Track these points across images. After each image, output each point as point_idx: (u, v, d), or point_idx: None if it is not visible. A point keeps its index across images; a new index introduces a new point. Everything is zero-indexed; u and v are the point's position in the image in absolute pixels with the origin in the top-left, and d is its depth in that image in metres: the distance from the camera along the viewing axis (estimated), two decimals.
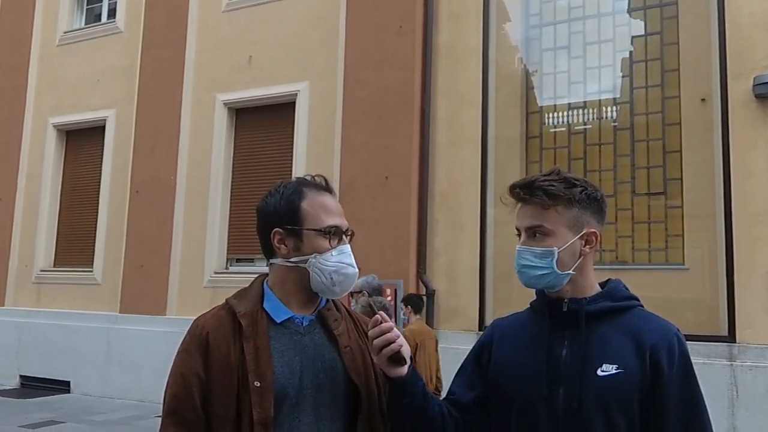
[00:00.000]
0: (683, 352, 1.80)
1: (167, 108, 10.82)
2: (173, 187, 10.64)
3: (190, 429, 1.80)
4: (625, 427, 1.75)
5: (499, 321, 2.10)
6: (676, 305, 7.41)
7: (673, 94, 7.88)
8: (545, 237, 1.86)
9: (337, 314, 2.00)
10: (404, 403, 1.87)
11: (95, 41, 11.95)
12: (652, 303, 6.58)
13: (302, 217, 1.92)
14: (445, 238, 8.75)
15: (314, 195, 1.95)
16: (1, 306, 12.05)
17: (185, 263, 10.41)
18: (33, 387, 11.14)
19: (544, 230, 1.85)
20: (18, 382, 11.45)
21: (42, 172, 12.13)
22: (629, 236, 7.94)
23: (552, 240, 1.85)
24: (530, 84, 8.78)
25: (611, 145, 8.16)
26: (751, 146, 7.36)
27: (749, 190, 7.32)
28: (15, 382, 11.46)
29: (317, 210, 1.92)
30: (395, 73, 9.05)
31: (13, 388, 11.28)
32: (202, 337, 1.86)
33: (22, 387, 11.33)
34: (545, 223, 1.85)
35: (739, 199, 7.32)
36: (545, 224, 1.85)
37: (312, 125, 9.77)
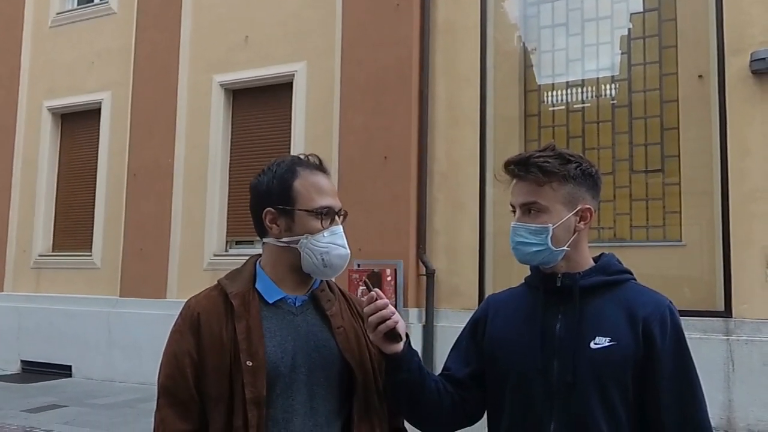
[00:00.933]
0: (675, 324, 1.88)
1: (163, 90, 10.84)
2: (171, 170, 10.70)
3: (185, 408, 1.87)
4: (619, 399, 1.82)
5: (494, 296, 2.18)
6: (674, 281, 7.60)
7: (670, 70, 8.02)
8: (540, 213, 1.90)
9: (330, 295, 2.04)
10: (401, 379, 1.93)
11: (88, 22, 11.94)
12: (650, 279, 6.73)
13: (294, 196, 1.95)
14: (444, 218, 8.90)
15: (307, 174, 1.98)
16: (0, 291, 12.17)
17: (185, 246, 10.53)
18: (35, 372, 11.23)
19: (539, 207, 1.90)
20: (19, 367, 11.57)
21: (38, 156, 12.16)
22: (627, 213, 8.12)
23: (547, 216, 1.90)
24: (529, 62, 8.92)
25: (609, 123, 8.33)
26: (748, 123, 7.51)
27: (746, 167, 7.47)
28: (16, 367, 11.59)
29: (310, 190, 1.96)
30: (393, 52, 9.11)
31: (15, 373, 11.39)
32: (193, 317, 1.92)
33: (23, 372, 11.43)
34: (540, 199, 1.90)
35: (736, 175, 7.48)
36: (540, 201, 1.90)
37: (310, 106, 9.82)
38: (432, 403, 1.98)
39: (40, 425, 7.80)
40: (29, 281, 12.05)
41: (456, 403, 2.01)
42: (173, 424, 1.86)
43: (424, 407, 1.98)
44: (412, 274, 8.85)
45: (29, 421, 7.96)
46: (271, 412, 1.85)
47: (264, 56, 10.26)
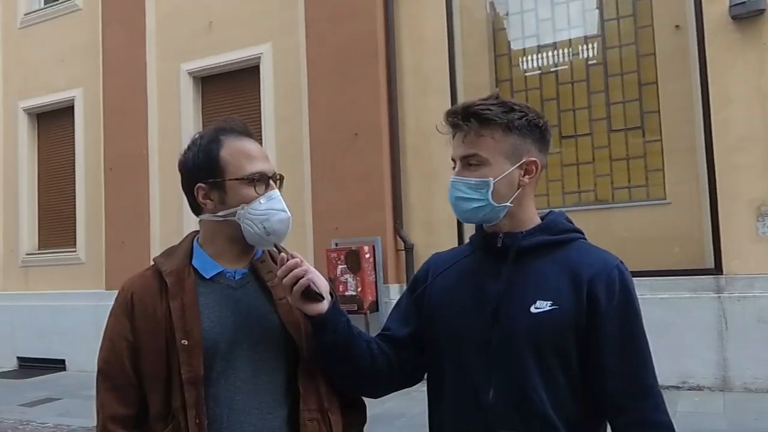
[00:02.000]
0: (624, 284, 1.58)
1: (133, 82, 9.81)
2: (146, 162, 9.72)
3: (123, 392, 1.66)
4: (558, 366, 1.56)
5: (438, 255, 1.88)
6: (661, 241, 6.65)
7: (645, 23, 6.86)
8: (480, 167, 1.61)
9: (272, 265, 1.76)
10: (327, 341, 1.68)
11: (55, 20, 10.86)
12: (636, 240, 5.61)
13: (223, 167, 1.69)
14: (419, 191, 7.85)
15: (233, 141, 1.72)
16: None
17: (164, 237, 9.53)
18: (30, 367, 10.52)
19: (479, 159, 1.61)
20: (16, 364, 10.79)
21: (17, 156, 11.19)
22: (608, 174, 7.02)
23: (487, 169, 1.61)
24: (498, 26, 7.72)
25: (584, 83, 7.15)
26: (729, 70, 6.42)
27: (729, 116, 6.42)
28: (13, 363, 10.80)
29: (238, 157, 1.69)
30: (357, 25, 8.04)
31: (12, 370, 10.67)
32: (126, 299, 1.71)
33: (20, 368, 10.69)
34: (480, 151, 1.61)
35: (719, 126, 6.43)
36: (480, 152, 1.61)
37: (277, 87, 8.80)
38: (364, 365, 1.71)
39: (36, 418, 7.34)
40: (19, 280, 11.15)
41: (393, 365, 1.75)
42: (112, 407, 1.64)
43: (355, 369, 1.71)
44: (391, 250, 7.94)
45: (26, 415, 7.48)
46: (213, 391, 1.62)
47: (228, 41, 9.16)
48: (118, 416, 1.65)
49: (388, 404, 5.06)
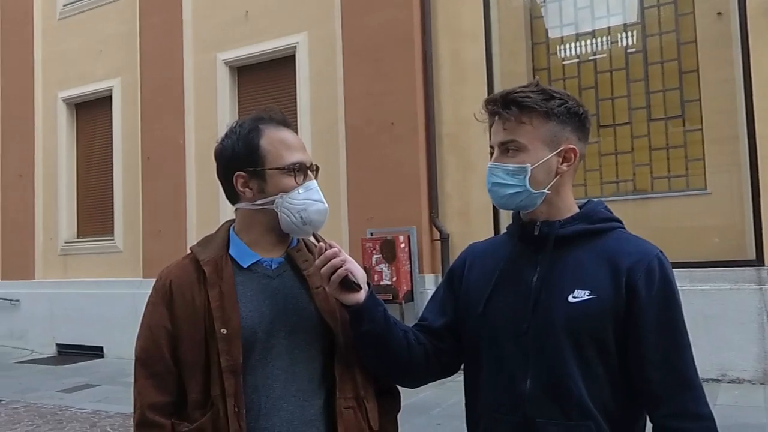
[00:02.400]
0: (665, 274, 1.59)
1: (170, 71, 10.12)
2: (183, 151, 10.02)
3: (161, 380, 1.71)
4: (596, 355, 1.58)
5: (474, 245, 1.90)
6: (701, 232, 6.71)
7: (686, 10, 6.92)
8: (518, 153, 1.64)
9: (307, 254, 1.82)
10: (364, 331, 1.71)
11: (94, 11, 11.22)
12: (675, 230, 5.69)
13: (262, 156, 1.74)
14: (455, 181, 7.99)
15: (273, 131, 1.76)
16: (32, 279, 11.68)
17: (200, 225, 9.81)
18: (69, 354, 10.88)
19: (517, 145, 1.64)
20: (55, 350, 11.18)
21: (57, 146, 11.60)
22: (647, 164, 7.10)
23: (525, 156, 1.64)
24: (536, 14, 7.83)
25: (623, 71, 7.24)
26: None
27: None
28: (52, 350, 11.19)
29: (278, 147, 1.74)
30: (393, 14, 8.21)
31: (51, 356, 11.05)
32: (165, 288, 1.74)
33: (59, 354, 11.08)
34: (518, 137, 1.64)
35: (762, 115, 6.45)
36: (518, 138, 1.64)
37: (313, 76, 9.02)
38: (401, 355, 1.76)
39: (74, 404, 7.55)
40: (58, 268, 11.56)
41: (429, 354, 1.79)
42: (150, 395, 1.70)
43: (392, 358, 1.76)
44: (426, 240, 8.10)
45: (64, 401, 7.71)
46: (250, 379, 1.68)
47: (264, 30, 9.42)
48: (156, 404, 1.69)
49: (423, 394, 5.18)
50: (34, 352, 11.20)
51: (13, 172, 11.91)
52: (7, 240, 12.03)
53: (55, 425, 6.67)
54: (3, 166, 12.11)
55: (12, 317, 11.60)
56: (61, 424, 6.72)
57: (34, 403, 7.57)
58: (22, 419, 6.92)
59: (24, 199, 11.76)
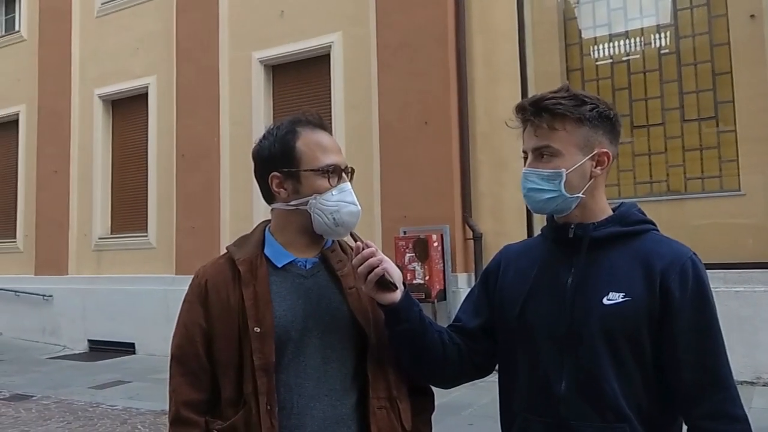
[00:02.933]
0: (698, 276, 1.65)
1: (205, 69, 10.58)
2: (217, 148, 10.46)
3: (196, 377, 1.79)
4: (631, 357, 1.64)
5: (509, 247, 1.98)
6: (735, 232, 6.95)
7: (719, 12, 7.22)
8: (552, 158, 1.71)
9: (341, 255, 1.90)
10: (400, 330, 1.79)
11: (131, 9, 11.76)
12: (709, 231, 5.99)
13: (298, 157, 1.82)
14: (489, 179, 8.32)
15: (309, 133, 1.84)
16: (65, 274, 12.14)
17: (234, 221, 10.24)
18: (101, 350, 11.25)
19: (552, 150, 1.71)
20: (87, 346, 11.59)
21: (92, 142, 12.11)
22: (680, 165, 7.39)
23: (560, 161, 1.71)
24: (569, 15, 8.17)
25: (657, 72, 7.55)
26: None
27: None
28: (84, 346, 11.60)
29: (313, 149, 1.82)
30: (427, 13, 8.57)
31: (83, 352, 11.40)
32: (201, 286, 1.83)
33: (90, 350, 11.46)
34: (552, 143, 1.70)
35: None
36: (552, 144, 1.70)
37: (347, 75, 9.41)
38: (436, 355, 1.84)
39: (105, 401, 7.76)
40: (91, 263, 12.02)
41: (464, 355, 1.86)
42: (185, 392, 1.79)
43: (427, 358, 1.84)
44: (459, 239, 8.41)
45: (95, 397, 7.93)
46: (283, 378, 1.75)
47: (300, 29, 9.84)
48: (191, 401, 1.78)
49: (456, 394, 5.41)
50: (65, 348, 11.59)
51: (48, 169, 12.42)
52: (41, 236, 12.50)
53: (86, 422, 6.86)
54: (39, 163, 12.63)
55: (45, 313, 12.05)
56: (92, 420, 6.92)
57: (65, 399, 7.81)
58: (52, 415, 7.13)
59: (59, 196, 12.23)
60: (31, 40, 13.04)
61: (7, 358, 10.84)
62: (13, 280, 12.65)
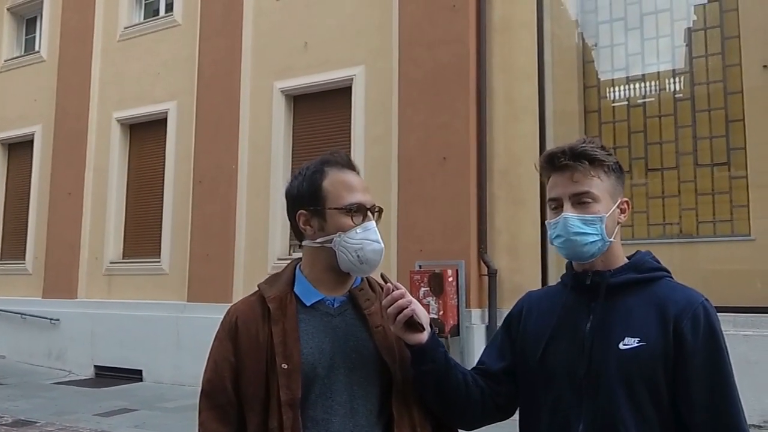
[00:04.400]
0: (709, 322, 1.84)
1: (226, 97, 11.29)
2: (235, 176, 11.11)
3: (224, 412, 1.98)
4: (648, 399, 1.83)
5: (531, 293, 2.21)
6: (744, 277, 7.61)
7: (734, 61, 8.02)
8: (592, 203, 1.91)
9: (369, 293, 2.08)
10: (425, 370, 1.96)
11: (154, 35, 12.56)
12: (719, 275, 6.89)
13: (324, 196, 2.01)
14: (505, 216, 8.97)
15: (335, 173, 2.04)
16: (74, 298, 12.71)
17: (249, 250, 10.88)
18: (107, 376, 11.70)
19: (592, 196, 1.91)
20: (93, 372, 12.07)
21: (108, 165, 12.80)
22: (693, 208, 8.13)
23: (599, 206, 1.91)
24: (587, 57, 9.01)
25: (672, 117, 8.34)
26: None
27: None
28: (90, 371, 12.10)
29: (338, 188, 2.01)
30: (450, 50, 9.29)
31: (89, 378, 11.85)
32: (231, 323, 2.02)
33: (96, 376, 11.90)
34: (592, 188, 1.91)
35: None
36: (592, 190, 1.91)
37: (369, 108, 10.09)
38: (459, 395, 2.01)
39: (111, 429, 8.08)
40: (101, 287, 12.62)
41: (486, 397, 2.05)
42: (213, 426, 1.99)
43: (450, 399, 2.01)
44: (474, 274, 8.97)
45: (101, 425, 8.25)
46: (311, 413, 1.92)
47: (323, 61, 10.62)
48: None
49: None
50: (71, 373, 12.11)
51: (62, 190, 13.15)
52: (51, 258, 13.16)
53: None
54: (53, 184, 13.37)
55: (51, 337, 12.66)
56: None
57: (69, 426, 8.08)
58: None
59: (71, 218, 12.93)
60: (50, 60, 13.87)
61: (10, 382, 11.26)
62: (20, 303, 13.25)
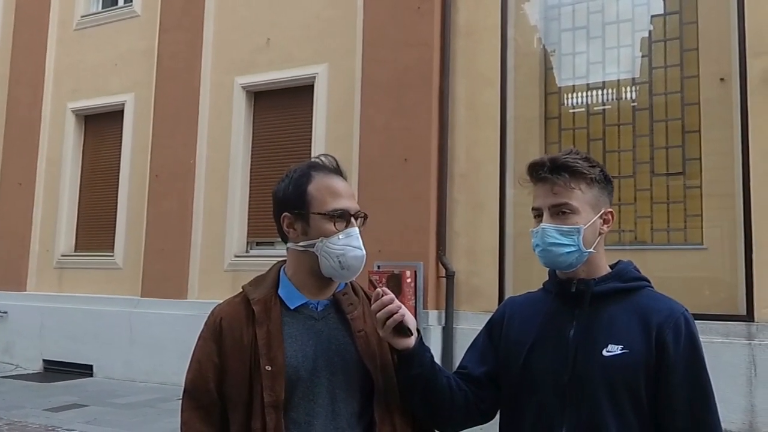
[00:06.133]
0: (690, 332, 1.91)
1: (186, 91, 11.05)
2: (193, 171, 10.90)
3: (206, 412, 1.97)
4: (630, 405, 1.87)
5: (513, 299, 2.24)
6: (695, 284, 7.66)
7: (692, 73, 8.07)
8: (571, 215, 1.94)
9: (353, 298, 2.09)
10: (413, 374, 1.98)
11: (112, 25, 12.22)
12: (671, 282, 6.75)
13: (308, 200, 2.01)
14: (464, 219, 8.96)
15: (322, 178, 2.04)
16: (23, 291, 12.37)
17: (206, 247, 10.71)
18: (56, 371, 11.45)
19: (570, 207, 1.94)
20: (41, 366, 11.77)
21: (61, 156, 12.45)
22: (648, 216, 8.16)
23: (577, 218, 1.94)
24: (549, 64, 8.99)
25: (630, 126, 8.37)
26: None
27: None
28: (38, 366, 11.79)
29: (323, 193, 2.01)
30: (414, 53, 9.20)
31: (37, 372, 11.58)
32: (216, 324, 2.02)
33: (45, 371, 11.64)
34: (571, 200, 1.94)
35: (758, 178, 7.50)
36: (571, 202, 1.93)
37: (331, 107, 9.97)
38: (444, 399, 2.02)
39: (62, 424, 7.89)
40: (52, 281, 12.28)
41: (470, 401, 2.06)
42: (195, 426, 1.97)
43: (436, 403, 2.02)
44: (432, 276, 8.91)
45: (51, 420, 8.08)
46: (293, 415, 1.92)
47: (285, 58, 10.45)
48: None
49: None
50: (18, 367, 11.79)
51: (13, 180, 12.74)
52: (0, 249, 12.71)
53: None
54: (3, 174, 12.93)
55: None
56: None
57: (18, 422, 7.93)
58: None
59: (22, 209, 12.54)
60: (3, 47, 13.36)
61: None
62: None
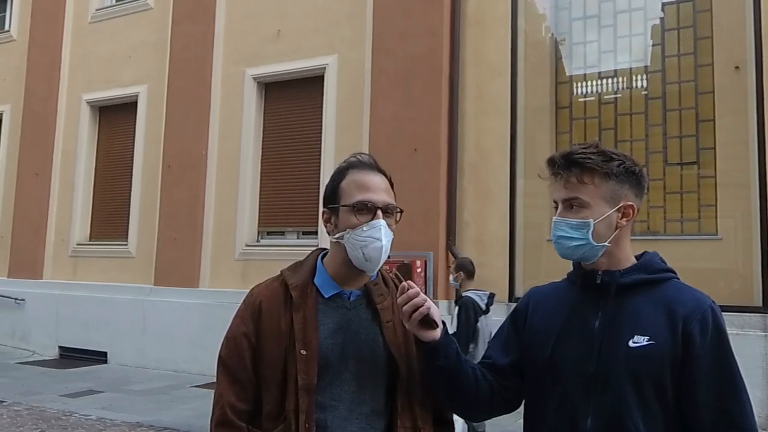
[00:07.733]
0: (717, 323, 1.81)
1: (197, 82, 10.87)
2: (204, 161, 10.73)
3: (242, 388, 1.96)
4: (654, 397, 1.79)
5: (536, 289, 2.16)
6: (709, 275, 7.31)
7: (706, 61, 7.70)
8: (581, 209, 1.89)
9: (383, 289, 2.07)
10: (438, 366, 1.94)
11: (126, 18, 12.07)
12: (684, 273, 6.35)
13: (339, 195, 2.01)
14: (474, 209, 8.70)
15: (355, 174, 2.03)
16: (39, 279, 12.26)
17: (217, 236, 10.53)
18: (71, 357, 11.39)
19: (580, 202, 1.89)
20: (57, 353, 11.71)
21: (77, 147, 12.33)
22: (661, 206, 7.82)
23: (588, 212, 1.88)
24: (559, 53, 8.63)
25: (642, 115, 8.01)
26: None
27: None
28: (54, 352, 11.72)
29: (351, 187, 2.00)
30: (423, 43, 8.95)
31: (53, 359, 11.49)
32: (255, 305, 2.01)
33: (61, 358, 11.58)
34: (581, 195, 1.89)
35: None
36: (581, 196, 1.88)
37: (340, 98, 9.75)
38: (469, 389, 1.99)
39: (78, 410, 7.84)
40: (67, 269, 12.16)
41: (494, 390, 2.02)
42: (232, 398, 1.96)
43: (461, 393, 1.99)
44: (442, 266, 8.69)
45: (68, 406, 8.03)
46: (319, 399, 1.91)
47: (296, 49, 10.22)
48: (236, 407, 1.95)
49: None
50: (35, 354, 11.69)
51: (30, 171, 12.59)
52: (17, 238, 12.61)
53: (60, 430, 7.03)
54: (20, 164, 12.77)
55: (15, 317, 12.15)
56: (66, 429, 7.06)
57: (36, 407, 7.91)
58: (25, 422, 7.25)
59: (38, 199, 12.40)
60: (21, 40, 13.25)
61: None
62: None
